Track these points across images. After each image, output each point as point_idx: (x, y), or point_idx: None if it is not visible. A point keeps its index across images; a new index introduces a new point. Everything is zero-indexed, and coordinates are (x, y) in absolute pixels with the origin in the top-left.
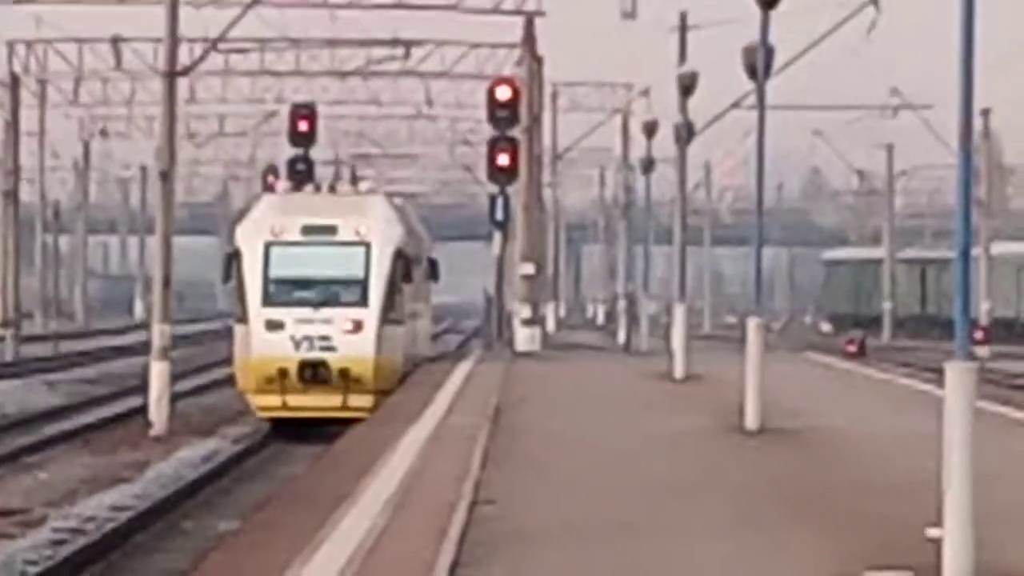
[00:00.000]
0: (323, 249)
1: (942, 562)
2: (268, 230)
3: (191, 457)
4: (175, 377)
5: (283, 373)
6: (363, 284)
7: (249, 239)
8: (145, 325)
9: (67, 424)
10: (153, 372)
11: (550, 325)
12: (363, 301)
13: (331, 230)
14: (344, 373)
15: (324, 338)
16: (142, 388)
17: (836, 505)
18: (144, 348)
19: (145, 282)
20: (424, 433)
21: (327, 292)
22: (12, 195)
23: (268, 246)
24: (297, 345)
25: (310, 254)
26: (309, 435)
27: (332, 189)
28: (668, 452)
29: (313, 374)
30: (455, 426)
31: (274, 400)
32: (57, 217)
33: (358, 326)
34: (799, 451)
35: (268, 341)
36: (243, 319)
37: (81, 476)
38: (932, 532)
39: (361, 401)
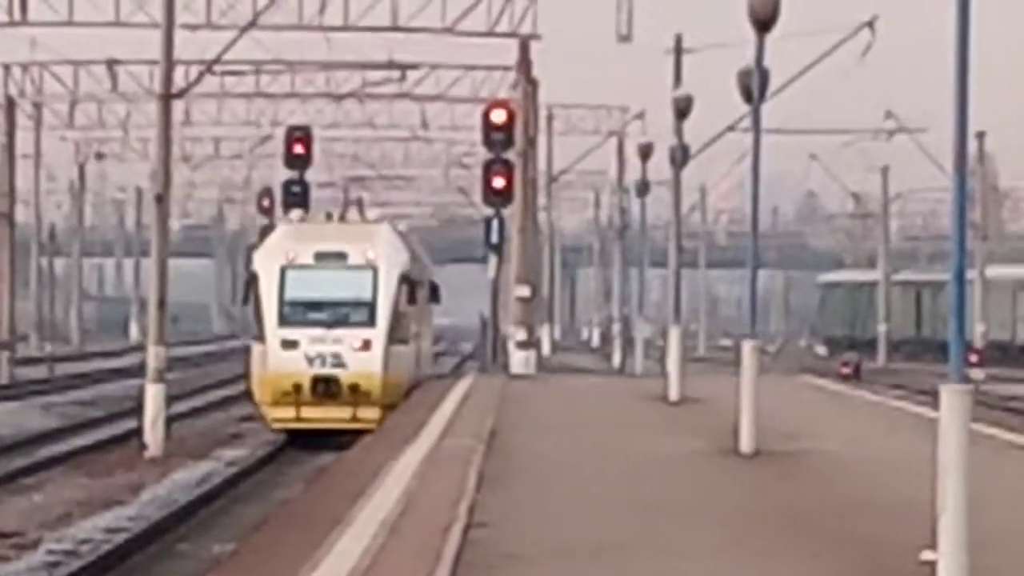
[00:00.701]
0: (334, 273)
1: None
2: (283, 256)
3: (186, 479)
4: (170, 399)
5: (297, 388)
6: (371, 306)
7: (266, 264)
8: (140, 347)
9: (62, 446)
10: (148, 394)
11: (545, 348)
12: (371, 322)
13: (342, 256)
14: (354, 388)
15: (335, 355)
16: (137, 410)
17: (830, 528)
18: (139, 370)
19: (140, 304)
20: (419, 455)
21: (338, 313)
22: (7, 217)
23: (284, 270)
24: (310, 362)
25: (322, 278)
26: (318, 445)
27: (342, 218)
28: (662, 474)
29: (325, 389)
30: (450, 448)
31: (289, 412)
32: (52, 239)
33: (367, 344)
34: (794, 474)
35: (284, 358)
36: (260, 338)
37: (76, 498)
38: (926, 555)
39: (369, 414)
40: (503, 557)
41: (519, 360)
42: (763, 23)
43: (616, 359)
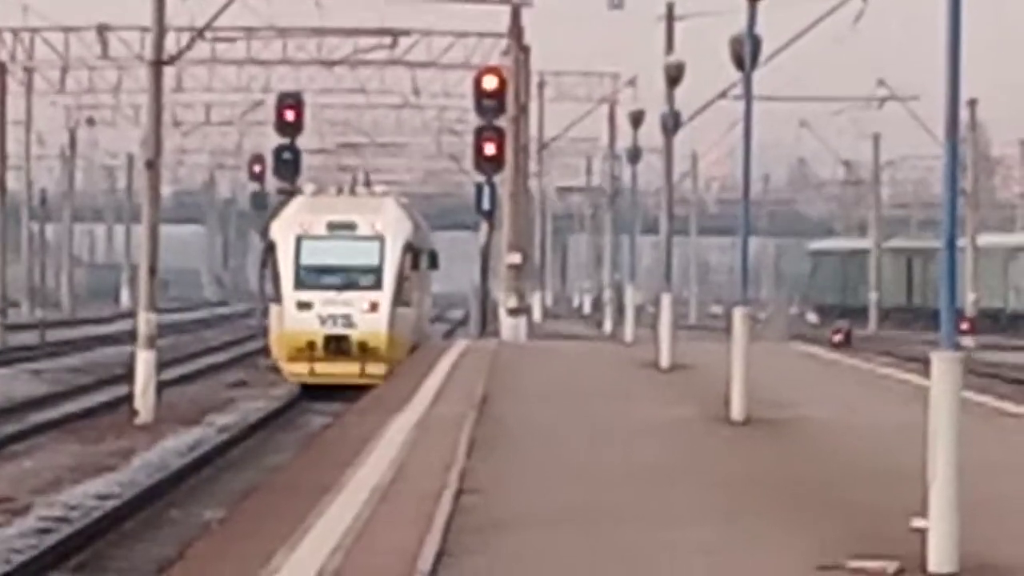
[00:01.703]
0: (345, 242)
1: (927, 552)
2: (299, 226)
3: (177, 446)
4: (161, 365)
5: (311, 345)
6: (378, 272)
7: (283, 233)
8: (131, 314)
9: (53, 412)
10: (139, 360)
11: (536, 315)
12: (378, 285)
13: (351, 226)
14: (362, 346)
15: (346, 316)
16: (128, 377)
17: (821, 495)
18: (130, 336)
19: (131, 271)
20: (411, 422)
21: (348, 278)
22: None
23: (299, 239)
24: (323, 322)
25: (334, 246)
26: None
27: (352, 191)
28: (653, 442)
29: (336, 346)
30: (441, 415)
31: (303, 368)
32: (43, 205)
33: (374, 306)
34: (784, 441)
35: (299, 318)
36: (277, 300)
37: (67, 464)
38: (917, 522)
39: (376, 369)
40: (494, 523)
41: (510, 327)
42: None
43: (607, 326)
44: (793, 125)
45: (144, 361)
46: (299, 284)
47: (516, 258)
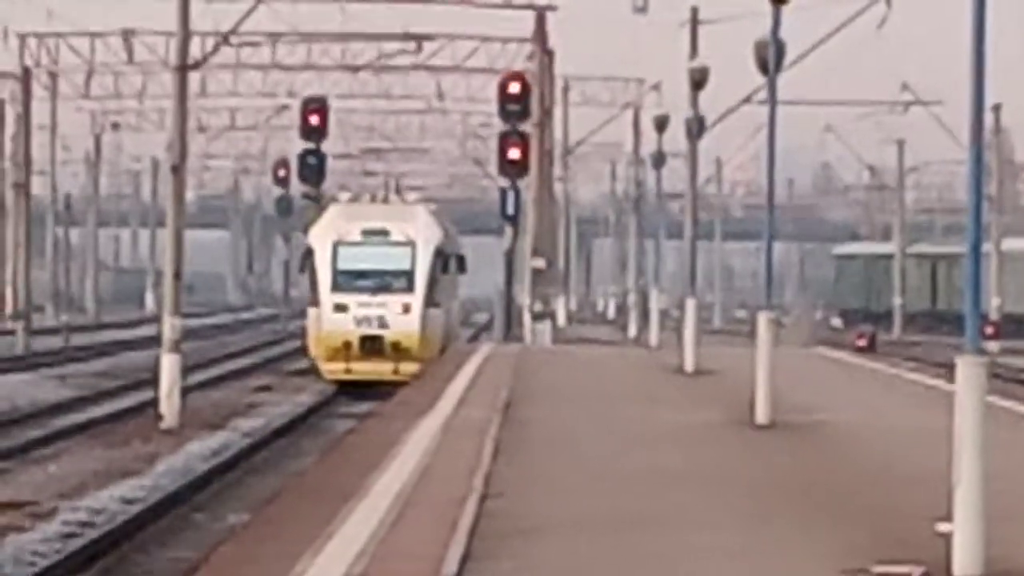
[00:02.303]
0: (379, 248)
1: (952, 557)
2: (335, 232)
3: (201, 450)
4: (186, 370)
5: (347, 345)
6: (410, 275)
7: (320, 240)
8: (156, 318)
9: (78, 417)
10: (164, 365)
11: (560, 319)
12: (410, 289)
13: (385, 233)
14: (396, 345)
15: (380, 318)
16: (153, 381)
17: (846, 499)
18: (155, 341)
19: (156, 275)
20: (435, 426)
21: (382, 281)
22: (24, 188)
23: (336, 245)
24: (359, 323)
25: (369, 251)
26: (365, 394)
27: (385, 200)
28: (678, 446)
29: (371, 346)
30: (466, 419)
31: (339, 366)
32: (68, 210)
33: (407, 308)
34: (809, 445)
35: (336, 320)
36: (315, 303)
37: (91, 469)
38: (942, 527)
39: (409, 368)
40: (519, 528)
41: (535, 331)
42: None
43: (632, 330)
44: (818, 130)
45: (169, 365)
46: (336, 287)
47: (540, 263)
